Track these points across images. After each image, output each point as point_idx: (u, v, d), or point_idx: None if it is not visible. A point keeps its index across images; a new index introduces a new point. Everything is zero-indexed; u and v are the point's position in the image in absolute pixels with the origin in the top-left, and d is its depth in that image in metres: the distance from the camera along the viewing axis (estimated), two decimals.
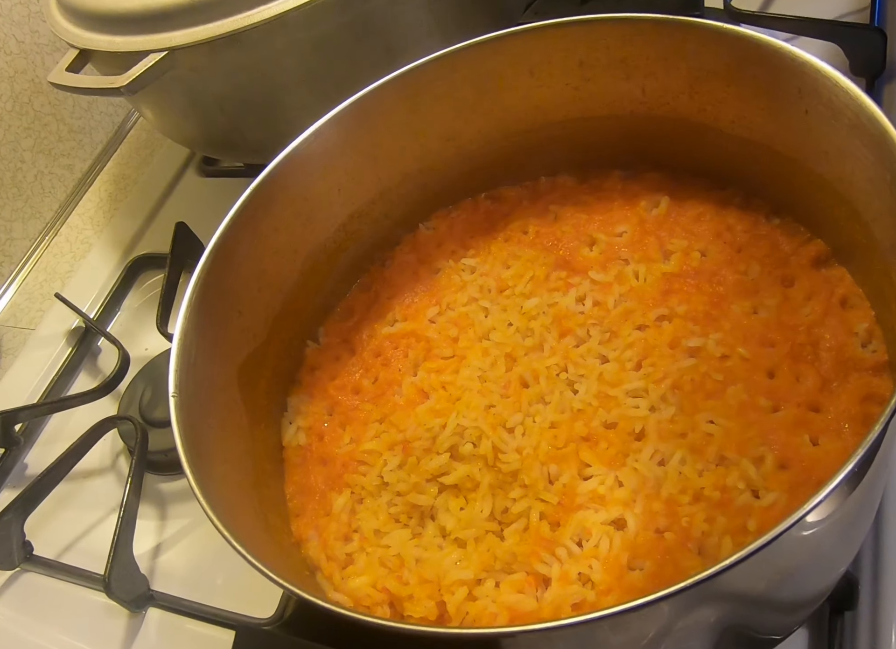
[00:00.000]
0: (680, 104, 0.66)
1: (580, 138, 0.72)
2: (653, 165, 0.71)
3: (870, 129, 0.50)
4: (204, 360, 0.57)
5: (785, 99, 0.58)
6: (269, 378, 0.67)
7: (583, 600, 0.50)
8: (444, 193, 0.76)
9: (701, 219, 0.67)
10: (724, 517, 0.51)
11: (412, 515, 0.59)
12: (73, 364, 0.99)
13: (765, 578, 0.45)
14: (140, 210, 1.15)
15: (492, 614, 0.51)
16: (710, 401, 0.56)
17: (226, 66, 0.83)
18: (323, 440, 0.65)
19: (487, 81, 0.69)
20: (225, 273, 0.61)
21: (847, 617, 0.57)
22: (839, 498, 0.44)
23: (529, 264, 0.69)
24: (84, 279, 1.09)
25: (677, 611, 0.43)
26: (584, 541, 0.53)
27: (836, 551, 0.51)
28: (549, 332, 0.64)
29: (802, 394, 0.55)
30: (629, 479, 0.54)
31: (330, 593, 0.56)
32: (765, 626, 0.53)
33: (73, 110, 1.25)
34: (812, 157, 0.59)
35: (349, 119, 0.67)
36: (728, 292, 0.62)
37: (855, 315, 0.58)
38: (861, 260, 0.58)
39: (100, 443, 0.87)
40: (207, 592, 0.74)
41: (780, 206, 0.65)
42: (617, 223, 0.69)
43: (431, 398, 0.63)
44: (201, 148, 1.08)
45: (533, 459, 0.57)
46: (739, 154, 0.65)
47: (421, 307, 0.70)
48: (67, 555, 0.82)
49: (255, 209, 0.63)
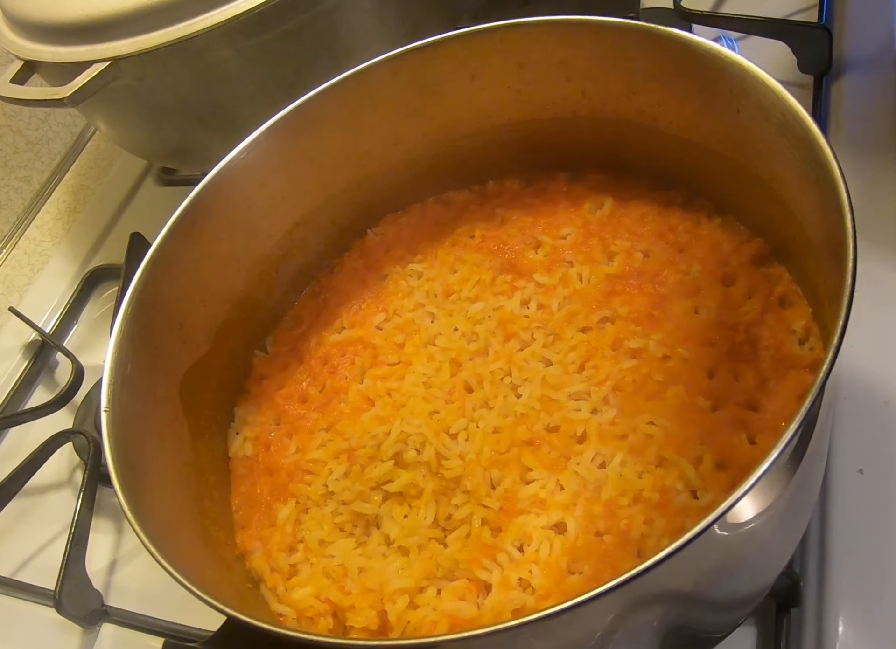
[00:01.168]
0: (620, 106, 0.66)
1: (525, 141, 0.72)
2: (598, 167, 0.71)
3: (795, 128, 0.50)
4: (141, 373, 0.57)
5: (718, 99, 0.58)
6: (215, 388, 0.66)
7: (523, 605, 0.50)
8: (392, 198, 0.76)
9: (644, 219, 0.67)
10: (662, 518, 0.51)
11: (357, 524, 0.59)
12: (30, 378, 0.98)
13: (698, 575, 0.45)
14: (98, 221, 1.14)
15: (432, 622, 0.51)
16: (651, 402, 0.56)
17: (171, 75, 0.82)
18: (269, 450, 0.64)
19: (430, 85, 0.69)
20: (163, 284, 0.60)
21: (793, 613, 0.57)
22: (771, 492, 0.44)
23: (475, 268, 0.69)
24: (42, 291, 1.08)
25: (613, 615, 0.43)
26: (524, 546, 0.53)
27: (771, 548, 0.51)
28: (493, 337, 0.64)
29: (741, 393, 0.55)
30: (570, 483, 0.54)
31: (273, 605, 0.56)
32: (706, 624, 0.53)
33: (30, 121, 1.23)
34: (747, 156, 0.59)
35: (290, 126, 0.66)
36: (670, 292, 0.62)
37: (793, 313, 0.58)
38: (797, 257, 0.58)
39: (56, 457, 0.86)
40: (166, 607, 0.73)
41: (722, 206, 0.66)
42: (562, 225, 0.69)
43: (377, 405, 0.63)
44: (155, 158, 1.08)
45: (475, 465, 0.56)
46: (680, 154, 0.65)
47: (368, 314, 0.70)
48: (22, 573, 0.81)
49: (194, 219, 0.63)
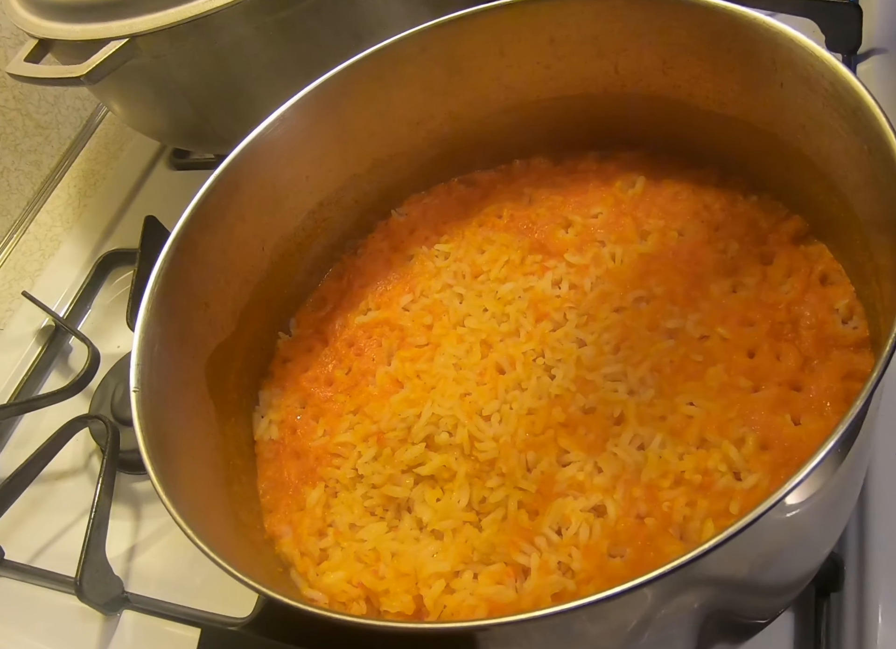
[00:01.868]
0: (654, 81, 0.64)
1: (554, 119, 0.71)
2: (628, 145, 0.70)
3: (846, 98, 0.49)
4: (168, 354, 0.55)
5: (759, 72, 0.56)
6: (239, 371, 0.65)
7: (563, 590, 0.49)
8: (417, 178, 0.74)
9: (677, 198, 0.65)
10: (705, 500, 0.50)
11: (388, 508, 0.57)
12: (44, 363, 0.97)
13: (747, 562, 0.44)
14: (110, 205, 1.13)
15: (470, 606, 0.50)
16: (689, 382, 0.55)
17: (189, 53, 0.80)
18: (296, 433, 0.63)
19: (457, 62, 0.67)
20: (188, 264, 0.59)
21: (833, 598, 0.56)
22: (821, 478, 0.43)
23: (504, 249, 0.67)
24: (54, 277, 1.07)
25: (659, 598, 0.42)
26: (563, 530, 0.51)
27: (819, 532, 0.50)
28: (524, 317, 0.62)
29: (783, 373, 0.54)
30: (608, 465, 0.53)
31: (304, 590, 0.55)
32: (749, 611, 0.52)
33: (40, 105, 1.21)
34: (789, 131, 0.57)
35: (315, 103, 0.65)
36: (706, 271, 0.60)
37: (835, 291, 0.57)
38: (840, 235, 0.56)
39: (72, 443, 0.85)
40: (186, 593, 0.72)
41: (758, 183, 0.64)
42: (592, 204, 0.67)
43: (406, 387, 0.62)
44: (170, 140, 1.06)
45: (510, 447, 0.55)
46: (715, 131, 0.64)
47: (394, 295, 0.68)
48: (40, 559, 0.80)
49: (219, 199, 0.61)
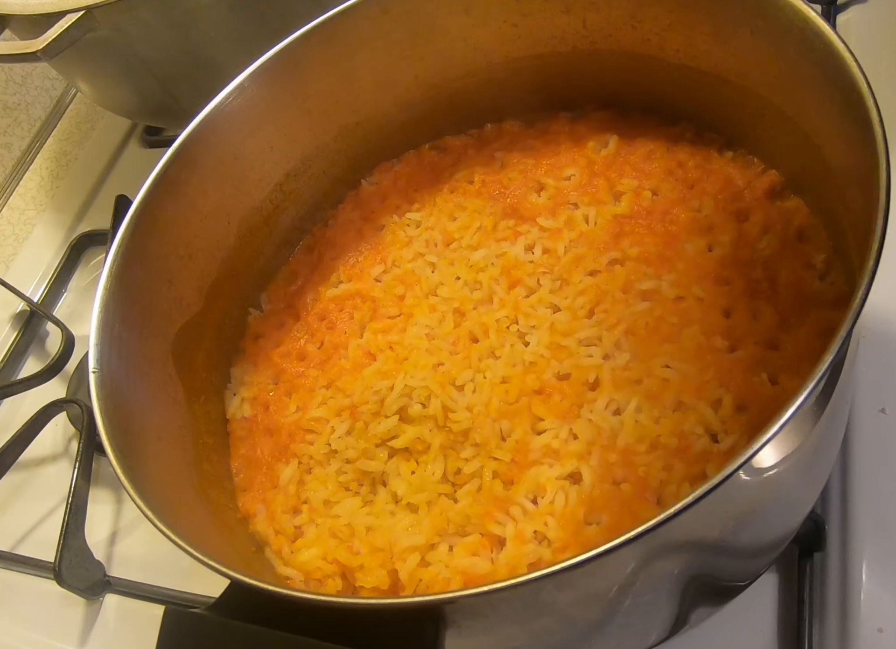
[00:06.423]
0: (623, 36, 0.62)
1: (523, 80, 0.69)
2: (601, 105, 0.68)
3: (818, 45, 0.47)
4: (130, 333, 0.54)
5: (730, 21, 0.55)
6: (210, 349, 0.63)
7: (539, 559, 0.48)
8: (386, 146, 0.72)
9: (651, 156, 0.63)
10: (682, 464, 0.49)
11: (363, 482, 0.56)
12: (20, 349, 0.95)
13: (723, 522, 0.43)
14: (83, 186, 1.10)
15: (445, 579, 0.49)
16: (665, 345, 0.54)
17: (149, 25, 0.78)
18: (268, 410, 0.62)
19: (421, 22, 0.65)
20: (149, 239, 0.57)
21: (816, 558, 0.56)
22: (796, 436, 0.42)
23: (476, 215, 0.66)
24: (28, 261, 1.05)
25: (636, 563, 0.41)
26: (538, 498, 0.51)
27: (797, 491, 0.49)
28: (497, 284, 0.61)
29: (760, 332, 0.53)
30: (584, 431, 0.52)
31: (279, 568, 0.54)
32: (729, 573, 0.51)
33: (7, 86, 1.19)
34: (761, 82, 0.56)
35: (275, 70, 0.63)
36: (681, 231, 0.59)
37: (812, 247, 0.55)
38: (816, 188, 0.55)
39: (51, 428, 0.84)
40: (170, 575, 0.71)
41: (733, 139, 0.62)
42: (565, 166, 0.66)
43: (378, 359, 0.60)
44: (139, 117, 1.04)
45: (484, 417, 0.54)
46: (688, 86, 0.62)
47: (366, 266, 0.67)
48: (21, 546, 0.79)
49: (178, 172, 0.60)
